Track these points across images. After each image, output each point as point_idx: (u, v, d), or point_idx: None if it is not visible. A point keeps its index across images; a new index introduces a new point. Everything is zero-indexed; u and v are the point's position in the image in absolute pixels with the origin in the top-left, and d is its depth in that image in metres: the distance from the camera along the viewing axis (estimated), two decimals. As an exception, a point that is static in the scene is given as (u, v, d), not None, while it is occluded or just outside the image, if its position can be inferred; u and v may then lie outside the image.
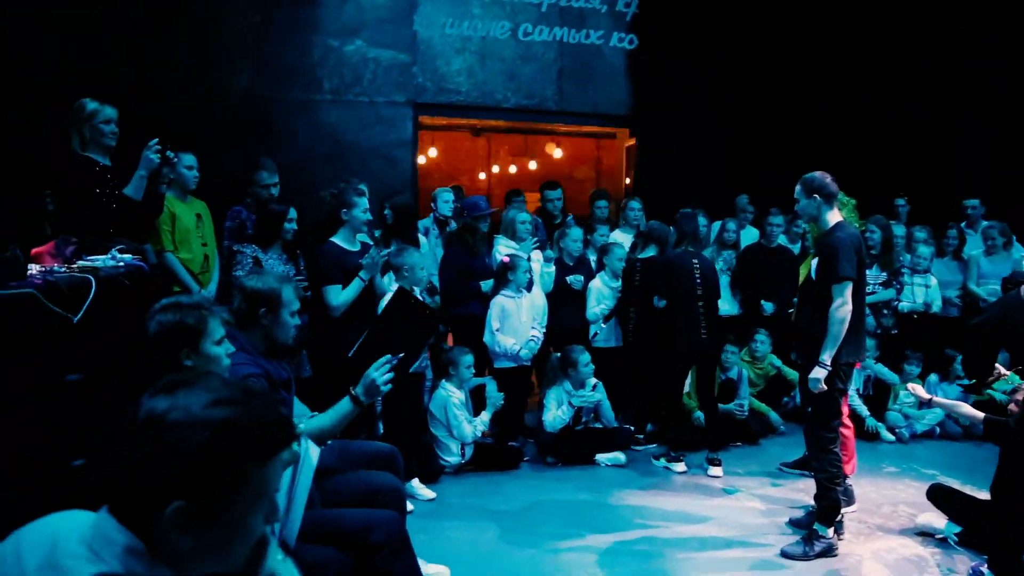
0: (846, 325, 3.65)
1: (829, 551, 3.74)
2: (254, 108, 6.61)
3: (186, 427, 1.10)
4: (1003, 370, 4.24)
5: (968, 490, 4.17)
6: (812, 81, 7.92)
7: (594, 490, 4.66)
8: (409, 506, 3.80)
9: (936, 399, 4.05)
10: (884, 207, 6.97)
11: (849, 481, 4.34)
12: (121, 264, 2.87)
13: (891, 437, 5.85)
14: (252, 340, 2.78)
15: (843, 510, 3.98)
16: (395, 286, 4.12)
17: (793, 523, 4.14)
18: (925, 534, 4.01)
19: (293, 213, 4.43)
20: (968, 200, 7.06)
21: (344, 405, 2.76)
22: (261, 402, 1.21)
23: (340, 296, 4.25)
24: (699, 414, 5.48)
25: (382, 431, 4.75)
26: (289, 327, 2.85)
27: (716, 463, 5.01)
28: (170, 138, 3.91)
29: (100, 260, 2.84)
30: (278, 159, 5.34)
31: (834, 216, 3.84)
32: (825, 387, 3.67)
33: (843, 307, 3.64)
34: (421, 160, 11.83)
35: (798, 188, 3.88)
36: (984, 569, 3.45)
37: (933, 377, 6.19)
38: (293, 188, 5.54)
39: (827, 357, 3.65)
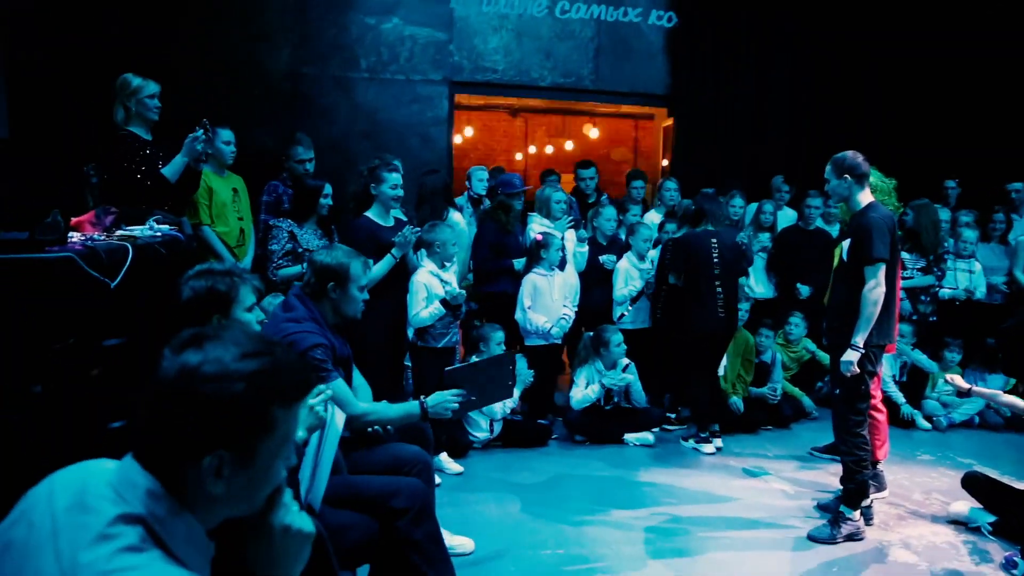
0: (879, 307, 3.59)
1: (855, 535, 3.71)
2: (292, 85, 6.68)
3: (222, 379, 1.16)
4: None
5: (1007, 480, 4.08)
6: (857, 60, 7.73)
7: (621, 468, 4.68)
8: (437, 480, 3.86)
9: (976, 388, 3.96)
10: (933, 189, 6.81)
11: (881, 467, 4.29)
12: (158, 234, 2.95)
13: (927, 425, 5.74)
14: (323, 312, 2.89)
15: (873, 495, 3.94)
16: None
17: (821, 507, 4.11)
18: (958, 523, 3.94)
19: (328, 189, 4.49)
20: (1012, 184, 6.83)
21: (412, 409, 2.96)
22: (283, 350, 1.26)
23: (371, 271, 4.30)
24: (735, 399, 5.45)
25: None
26: (357, 301, 2.95)
27: (716, 435, 5.10)
28: (208, 113, 4.00)
29: (138, 230, 2.92)
30: (315, 136, 5.41)
31: (866, 196, 3.77)
32: (857, 370, 3.62)
33: (876, 289, 3.58)
34: (458, 140, 11.89)
35: (828, 168, 3.81)
36: (1017, 559, 3.39)
37: (975, 374, 6.03)
38: (330, 165, 5.61)
39: (859, 339, 3.60)
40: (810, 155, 7.23)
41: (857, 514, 3.74)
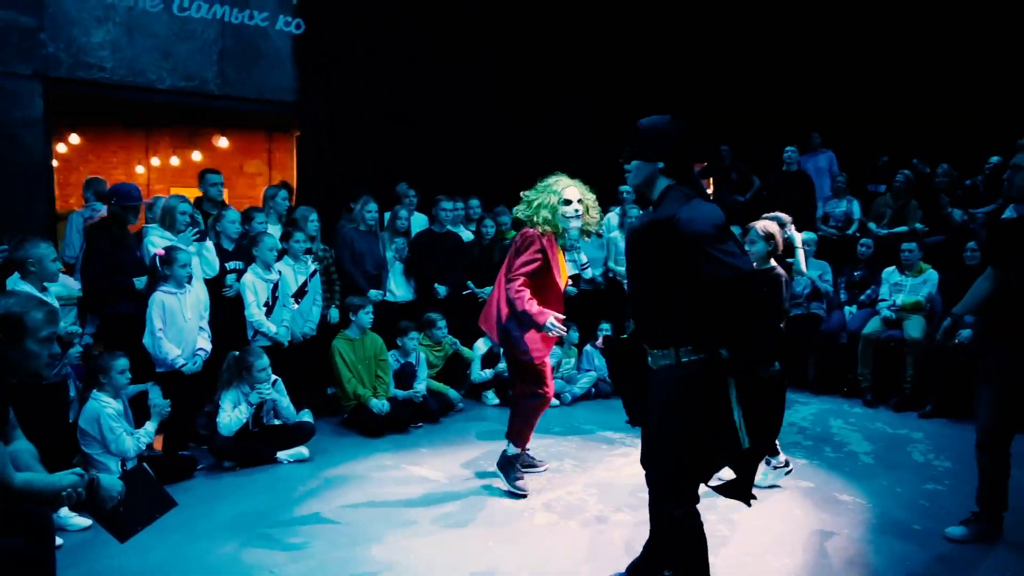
0: None
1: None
2: None
3: None
4: None
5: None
6: (473, 72, 8.37)
7: (276, 491, 4.43)
8: (59, 540, 3.31)
9: None
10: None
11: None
12: None
13: (556, 402, 6.44)
14: None
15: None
16: None
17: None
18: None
19: None
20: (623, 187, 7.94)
21: (78, 484, 2.45)
22: None
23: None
24: (376, 402, 5.53)
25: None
26: (38, 357, 2.49)
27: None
28: None
29: None
30: None
31: None
32: None
33: None
34: (62, 148, 10.38)
35: None
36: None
37: (588, 347, 6.96)
38: None
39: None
40: (438, 161, 7.68)
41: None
